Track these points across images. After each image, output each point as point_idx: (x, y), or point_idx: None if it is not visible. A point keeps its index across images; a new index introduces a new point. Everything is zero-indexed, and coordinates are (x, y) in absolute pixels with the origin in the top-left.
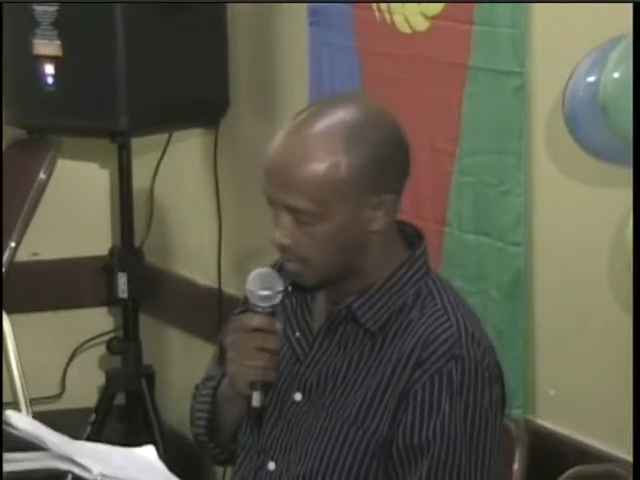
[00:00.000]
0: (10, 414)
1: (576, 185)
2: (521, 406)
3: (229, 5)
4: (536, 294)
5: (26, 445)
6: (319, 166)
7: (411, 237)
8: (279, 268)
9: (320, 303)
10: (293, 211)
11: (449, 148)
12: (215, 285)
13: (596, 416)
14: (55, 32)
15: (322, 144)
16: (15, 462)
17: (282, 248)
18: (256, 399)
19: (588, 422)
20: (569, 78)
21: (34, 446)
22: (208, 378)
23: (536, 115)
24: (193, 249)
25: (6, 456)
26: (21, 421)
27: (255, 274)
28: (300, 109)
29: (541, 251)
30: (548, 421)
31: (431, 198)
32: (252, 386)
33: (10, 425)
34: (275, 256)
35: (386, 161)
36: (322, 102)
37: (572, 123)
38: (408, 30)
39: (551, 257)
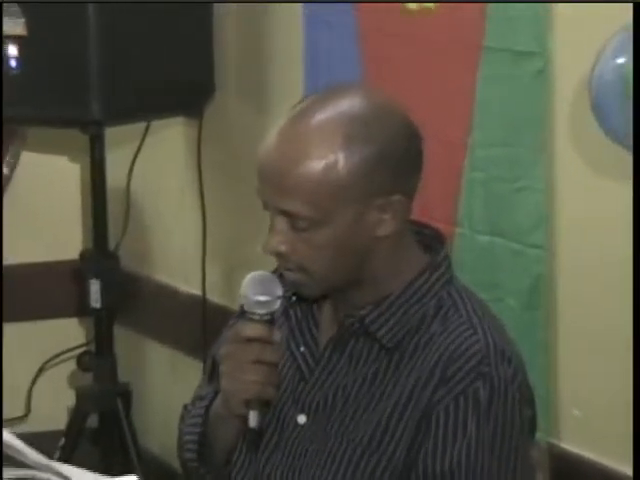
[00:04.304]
0: None
1: (603, 180)
2: (543, 428)
3: None
4: (559, 303)
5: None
6: (315, 165)
7: (430, 241)
8: (280, 275)
9: (328, 314)
10: (289, 216)
11: (460, 140)
12: (199, 293)
13: (624, 439)
14: (19, 9)
15: (319, 140)
16: None
17: (277, 256)
18: (253, 419)
19: (616, 445)
20: (595, 59)
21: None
22: (199, 397)
23: (558, 101)
24: (174, 253)
25: None
26: None
27: (251, 277)
28: (293, 94)
29: (564, 254)
30: (572, 445)
31: (440, 196)
32: (248, 404)
33: None
34: (269, 260)
35: (393, 158)
36: (321, 92)
37: (599, 110)
38: (415, 6)
39: (575, 261)
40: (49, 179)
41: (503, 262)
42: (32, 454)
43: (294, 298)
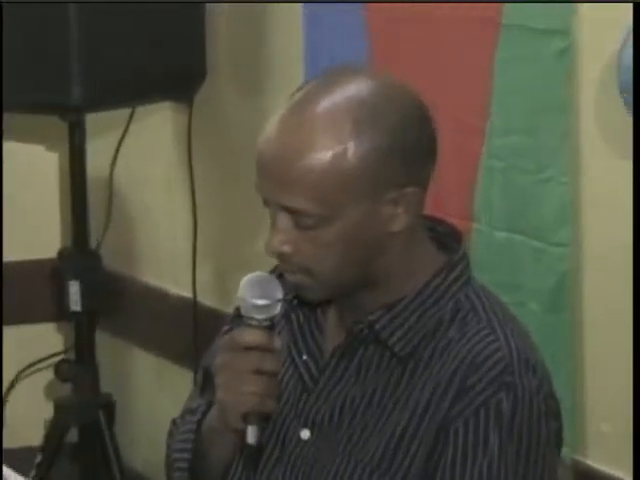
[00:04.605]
0: None
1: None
2: (568, 443)
3: None
4: (585, 306)
5: None
6: (322, 156)
7: (446, 238)
8: (279, 274)
9: (333, 319)
10: (292, 213)
11: (476, 126)
12: (189, 295)
13: None
14: None
15: (326, 128)
16: None
17: (280, 257)
18: (251, 435)
19: None
20: (624, 38)
21: None
22: (189, 411)
23: (584, 84)
24: (162, 251)
25: None
26: None
27: (248, 279)
28: (293, 79)
29: (591, 252)
30: (600, 462)
31: (454, 187)
32: (246, 418)
33: None
34: (266, 259)
35: (407, 147)
36: (324, 76)
37: (628, 93)
38: None
39: (603, 260)
40: (24, 170)
41: (524, 261)
42: (10, 475)
43: (296, 301)
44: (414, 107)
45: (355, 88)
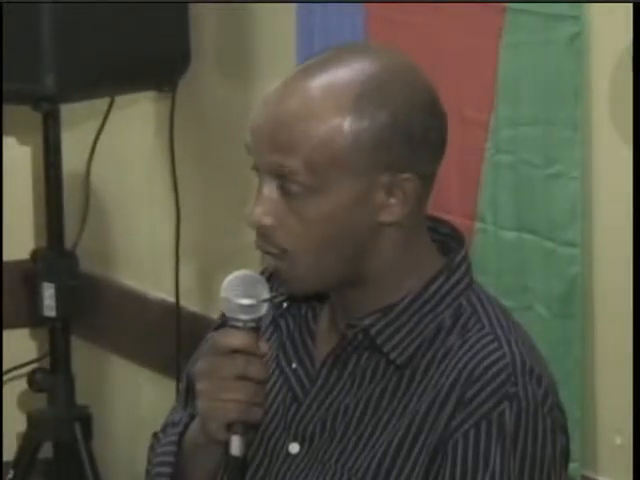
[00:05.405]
0: None
1: None
2: (577, 459)
3: None
4: (597, 310)
5: None
6: (318, 124)
7: (447, 239)
8: (269, 276)
9: (325, 324)
10: (280, 177)
11: (481, 117)
12: (172, 299)
13: None
14: None
15: (326, 98)
16: None
17: (259, 230)
18: (236, 446)
19: None
20: None
21: None
22: (172, 423)
23: (597, 72)
24: (142, 252)
25: None
26: None
27: (233, 278)
28: (284, 66)
29: (603, 253)
30: (613, 478)
31: (458, 184)
32: (231, 428)
33: None
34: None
35: (410, 132)
36: (337, 48)
37: None
38: None
39: (616, 261)
40: None
41: (532, 263)
42: None
43: (285, 304)
44: (424, 93)
45: (364, 63)
